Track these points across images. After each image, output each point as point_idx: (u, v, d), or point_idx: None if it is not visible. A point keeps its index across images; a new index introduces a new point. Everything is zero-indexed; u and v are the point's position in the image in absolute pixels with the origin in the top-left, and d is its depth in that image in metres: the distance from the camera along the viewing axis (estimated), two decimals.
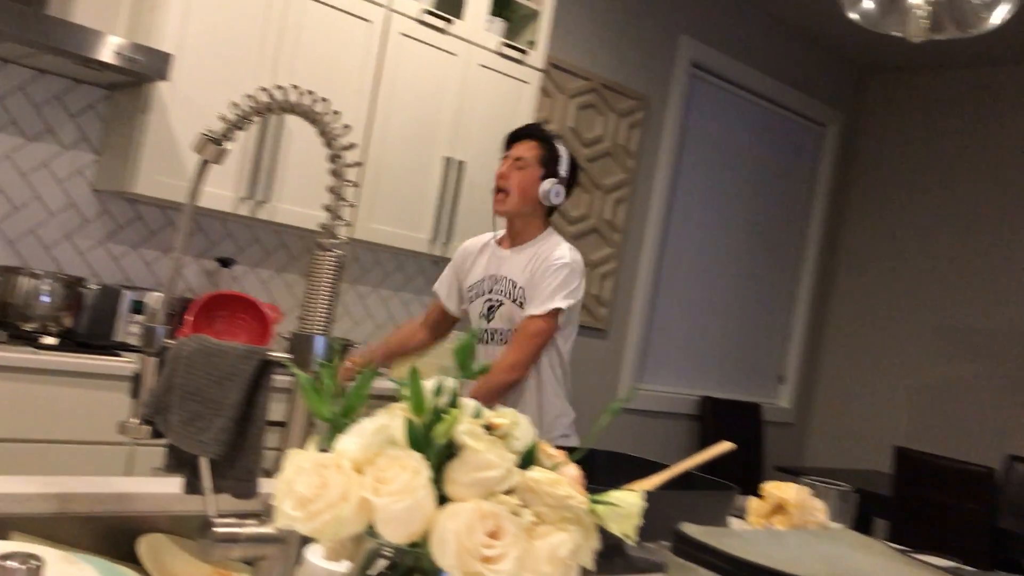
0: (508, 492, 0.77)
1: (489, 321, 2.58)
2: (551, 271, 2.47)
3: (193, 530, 1.41)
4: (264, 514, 1.00)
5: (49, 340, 2.59)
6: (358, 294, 3.72)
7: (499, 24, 3.66)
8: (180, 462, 1.09)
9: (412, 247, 3.45)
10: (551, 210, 2.62)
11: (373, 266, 3.75)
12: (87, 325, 2.95)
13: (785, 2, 4.97)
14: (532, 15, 3.75)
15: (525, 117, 3.71)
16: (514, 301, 2.53)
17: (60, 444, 2.50)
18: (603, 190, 4.44)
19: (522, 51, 3.66)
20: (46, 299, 2.74)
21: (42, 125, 2.92)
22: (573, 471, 0.84)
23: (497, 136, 3.63)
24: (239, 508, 1.17)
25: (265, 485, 1.20)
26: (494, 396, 2.41)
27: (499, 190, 2.56)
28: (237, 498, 1.06)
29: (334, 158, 1.06)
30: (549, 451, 0.83)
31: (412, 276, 3.86)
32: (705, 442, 4.90)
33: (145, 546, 1.21)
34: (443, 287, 2.77)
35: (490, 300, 2.59)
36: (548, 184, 2.54)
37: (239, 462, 1.04)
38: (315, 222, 3.16)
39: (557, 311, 2.45)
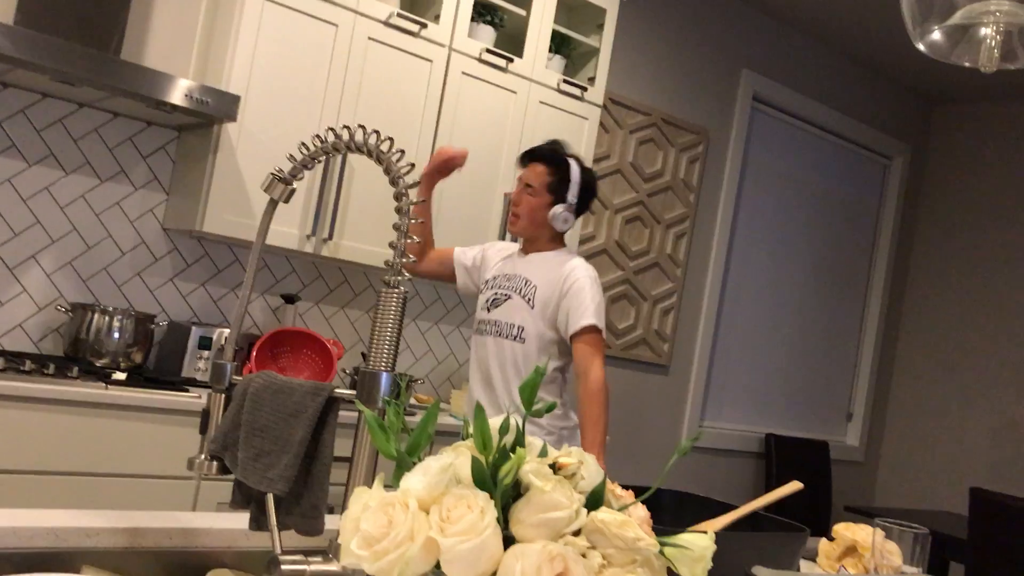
0: (576, 533, 0.76)
1: (489, 312, 2.69)
2: (578, 283, 2.56)
3: (259, 566, 1.41)
4: (330, 551, 1.00)
5: (119, 376, 2.65)
6: (419, 329, 3.74)
7: (558, 61, 3.68)
8: (247, 498, 1.09)
9: None
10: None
11: (434, 302, 3.77)
12: (156, 361, 3.02)
13: (848, 34, 4.92)
14: (591, 52, 3.77)
15: (585, 152, 3.72)
16: (523, 297, 2.62)
17: (128, 478, 2.54)
18: (664, 224, 4.42)
19: (581, 87, 3.68)
20: (117, 335, 2.81)
21: (115, 166, 3.01)
22: (642, 512, 0.82)
23: None
24: (305, 545, 1.17)
25: (330, 522, 1.21)
26: (603, 422, 2.48)
27: (512, 213, 2.68)
28: (303, 535, 1.06)
29: (399, 196, 1.07)
30: (617, 491, 0.82)
31: (474, 311, 3.87)
32: (770, 481, 4.80)
33: None
34: (465, 250, 2.88)
35: (496, 293, 2.68)
36: (557, 210, 2.62)
37: (305, 499, 1.04)
38: (377, 258, 3.19)
39: (597, 328, 2.55)
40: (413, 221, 1.04)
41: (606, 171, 4.17)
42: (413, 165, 1.09)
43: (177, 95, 2.65)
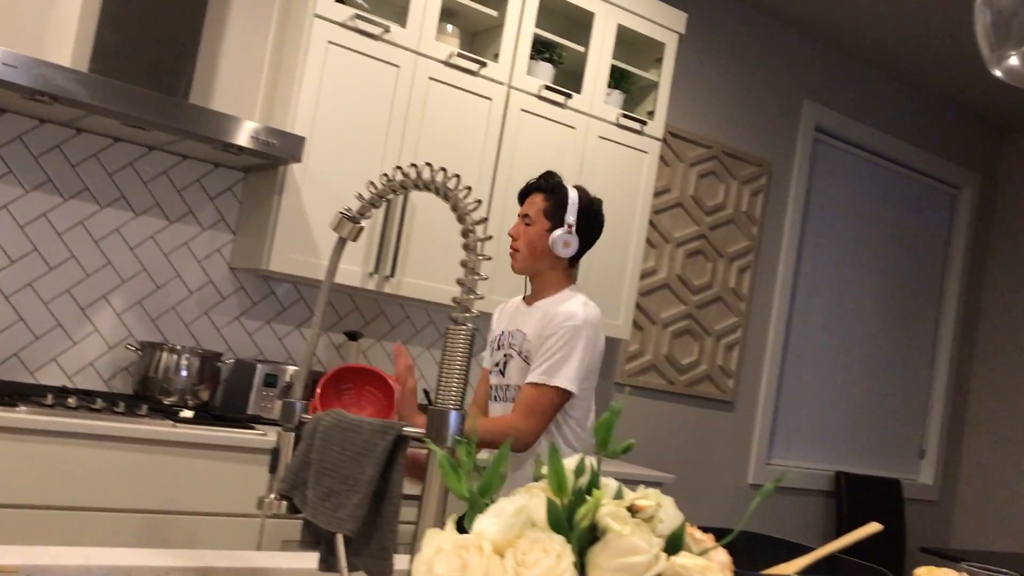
0: None
1: (503, 375, 2.42)
2: (557, 334, 2.27)
3: None
4: None
5: (186, 413, 2.68)
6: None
7: (617, 96, 3.68)
8: (316, 538, 1.09)
9: None
10: (573, 261, 2.46)
11: None
12: (222, 398, 3.05)
13: (913, 62, 4.84)
14: (650, 86, 3.77)
15: (645, 186, 3.70)
16: (520, 355, 2.37)
17: (195, 516, 2.56)
18: (727, 258, 4.36)
19: (641, 122, 3.66)
20: (184, 373, 2.85)
21: (184, 207, 3.07)
22: (723, 557, 0.79)
23: (617, 207, 3.64)
24: None
25: (399, 562, 1.19)
26: (487, 441, 2.17)
27: (511, 248, 2.45)
28: None
29: (466, 233, 1.07)
30: (696, 535, 0.79)
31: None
32: (841, 520, 4.66)
33: None
34: (486, 354, 2.60)
35: (506, 355, 2.42)
36: (556, 234, 2.37)
37: (374, 539, 1.03)
38: (438, 295, 3.20)
39: (564, 391, 2.25)
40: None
41: (667, 205, 4.14)
42: (480, 202, 1.08)
43: (244, 137, 2.71)
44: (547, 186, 2.45)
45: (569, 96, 3.46)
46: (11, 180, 2.81)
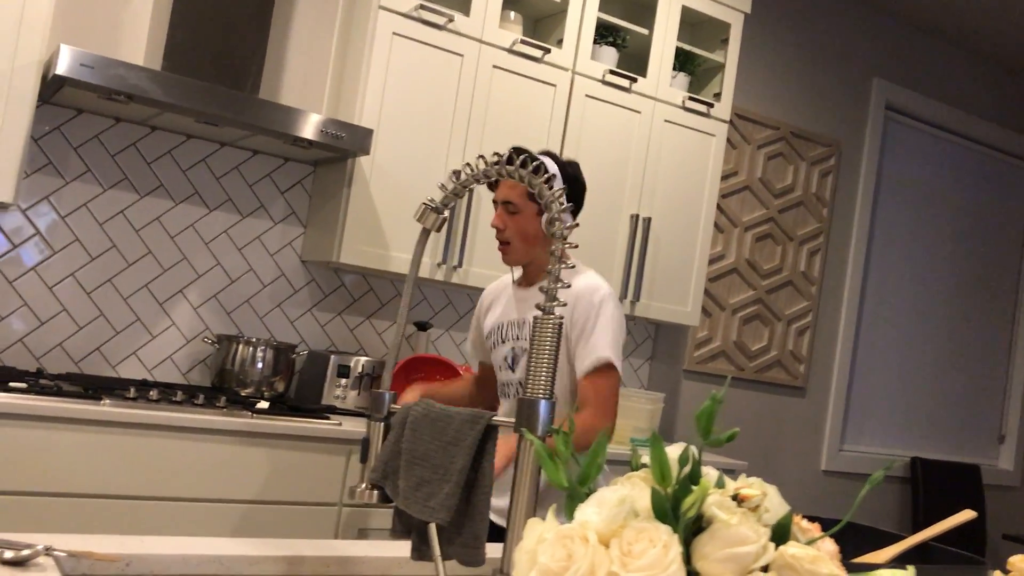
0: (764, 569, 0.72)
1: (514, 371, 2.23)
2: (590, 314, 2.10)
3: None
4: None
5: (262, 405, 2.72)
6: None
7: (683, 79, 3.63)
8: (407, 527, 1.09)
9: None
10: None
11: None
12: (297, 389, 3.10)
13: (985, 35, 4.68)
14: (716, 67, 3.71)
15: (712, 170, 3.65)
16: None
17: (273, 505, 2.61)
18: (796, 241, 4.29)
19: (707, 104, 3.61)
20: (260, 365, 2.90)
21: (255, 202, 3.12)
22: (830, 546, 0.78)
23: (685, 192, 3.60)
24: (467, 574, 1.16)
25: (490, 551, 1.19)
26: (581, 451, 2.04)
27: (501, 242, 2.21)
28: (464, 565, 1.05)
29: (552, 222, 1.06)
30: (803, 524, 0.78)
31: None
32: (918, 507, 4.56)
33: None
34: (471, 345, 2.43)
35: (515, 348, 2.23)
36: (553, 216, 2.20)
37: (466, 528, 1.03)
38: None
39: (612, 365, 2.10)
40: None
41: (734, 188, 4.08)
42: (564, 189, 1.07)
43: (314, 131, 2.74)
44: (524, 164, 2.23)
45: (634, 80, 3.43)
46: (89, 179, 2.88)
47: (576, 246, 1.09)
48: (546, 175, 1.04)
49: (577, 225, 1.12)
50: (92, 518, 2.37)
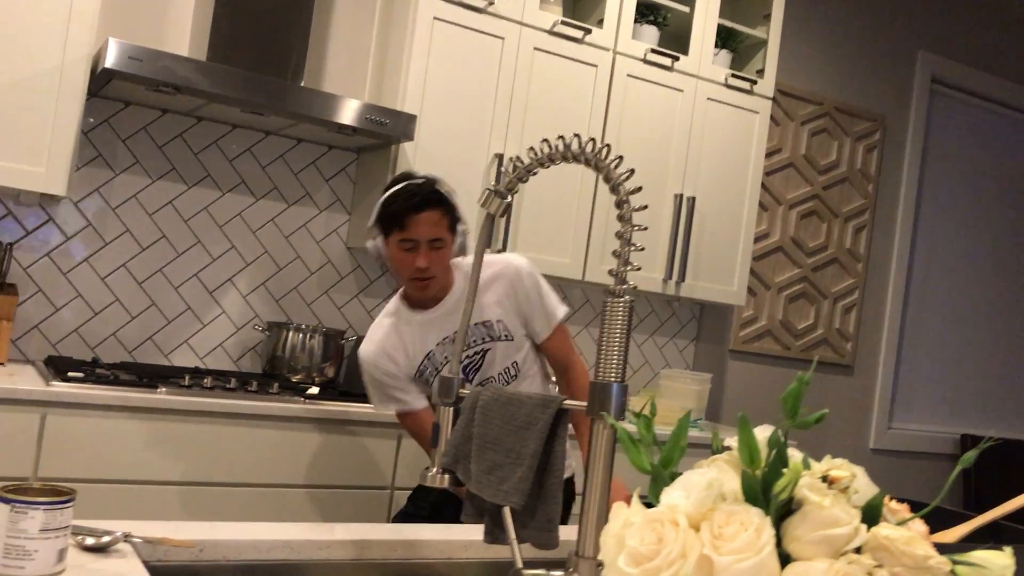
0: (856, 551, 0.71)
1: (471, 382, 2.16)
2: (522, 285, 2.14)
3: None
4: (569, 565, 0.98)
5: (313, 390, 2.75)
6: (591, 337, 3.72)
7: (725, 56, 3.59)
8: (479, 511, 1.10)
9: (646, 287, 3.41)
10: None
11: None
12: (346, 375, 3.12)
13: None
14: (759, 44, 3.66)
15: (757, 148, 3.61)
16: (500, 339, 2.14)
17: (326, 489, 2.63)
18: (841, 218, 4.23)
19: (751, 81, 3.57)
20: (310, 352, 2.92)
21: (300, 190, 3.14)
22: (920, 527, 0.77)
23: (728, 170, 3.56)
24: (542, 557, 1.16)
25: (564, 533, 1.19)
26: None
27: (421, 279, 2.07)
28: (538, 548, 1.05)
29: (620, 204, 1.05)
30: (892, 505, 0.77)
31: (643, 317, 3.82)
32: (968, 485, 4.50)
33: None
34: (400, 399, 2.19)
35: (471, 359, 2.14)
36: (461, 238, 2.14)
37: (539, 512, 1.04)
38: (552, 268, 3.18)
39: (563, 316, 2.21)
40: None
41: (778, 165, 4.03)
42: (633, 171, 1.06)
43: (358, 118, 2.74)
44: (441, 199, 2.07)
45: (676, 59, 3.40)
46: (138, 170, 2.91)
47: (645, 228, 1.08)
48: (617, 158, 1.04)
49: (646, 207, 1.10)
50: (148, 506, 2.41)
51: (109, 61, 2.43)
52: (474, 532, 1.41)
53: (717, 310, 3.94)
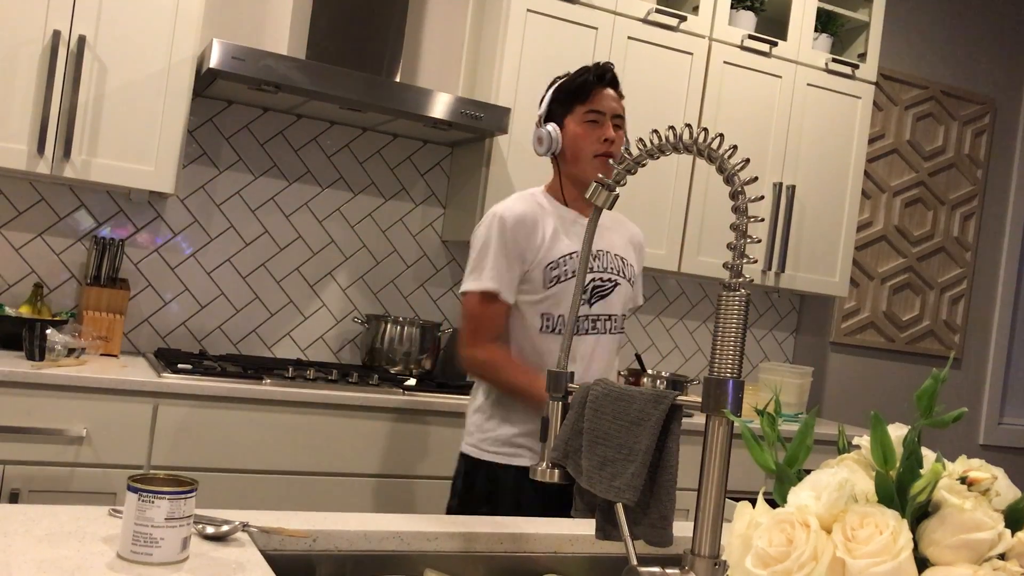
0: (1001, 556, 0.68)
1: (591, 306, 2.05)
2: (643, 254, 2.28)
3: (582, 572, 1.42)
4: (685, 563, 0.97)
5: (411, 382, 2.78)
6: (687, 329, 3.67)
7: (825, 40, 3.49)
8: (590, 507, 1.09)
9: None
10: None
11: (700, 301, 3.69)
12: (442, 366, 3.15)
13: None
14: (860, 27, 3.54)
15: (859, 134, 3.50)
16: (627, 279, 2.12)
17: (425, 480, 2.66)
18: (948, 205, 4.07)
19: (852, 65, 3.46)
20: (408, 344, 2.96)
21: (397, 185, 3.18)
22: None
23: (829, 157, 3.46)
24: (657, 554, 1.15)
25: (678, 530, 1.18)
26: None
27: (609, 156, 2.03)
28: (652, 545, 1.04)
29: (735, 195, 1.03)
30: None
31: None
32: None
33: None
34: (504, 281, 2.02)
35: (596, 281, 2.06)
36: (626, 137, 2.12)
37: (653, 509, 1.02)
38: (656, 261, 3.14)
39: None
40: None
41: (881, 151, 3.91)
42: (747, 160, 1.04)
43: (453, 112, 2.76)
44: (617, 79, 2.10)
45: (774, 44, 3.31)
46: (241, 167, 2.99)
47: (762, 219, 1.05)
48: (731, 147, 1.01)
49: (762, 198, 1.07)
50: (254, 495, 2.47)
51: (213, 61, 2.49)
52: (580, 527, 1.41)
53: (818, 301, 3.84)
